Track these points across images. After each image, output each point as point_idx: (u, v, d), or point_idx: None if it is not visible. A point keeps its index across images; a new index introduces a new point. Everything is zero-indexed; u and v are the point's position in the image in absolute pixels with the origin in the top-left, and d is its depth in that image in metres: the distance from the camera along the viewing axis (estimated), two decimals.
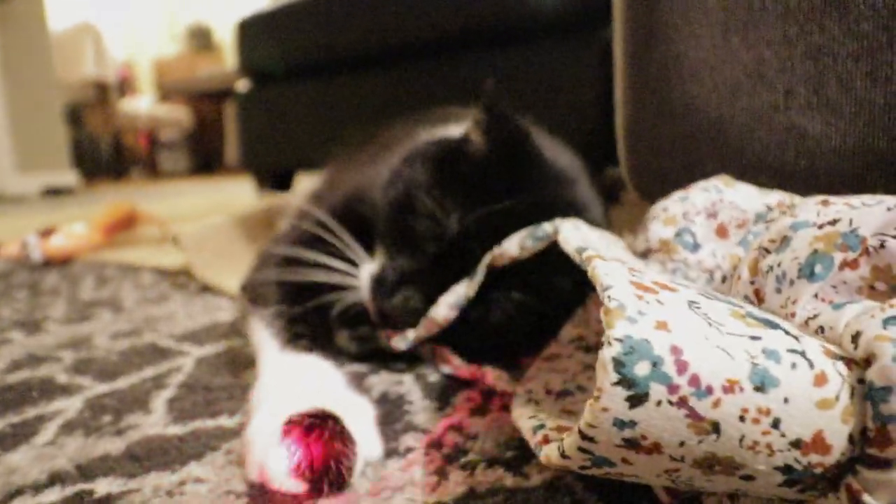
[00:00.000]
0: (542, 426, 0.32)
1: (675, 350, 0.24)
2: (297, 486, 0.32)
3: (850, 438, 0.24)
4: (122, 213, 1.21)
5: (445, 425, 0.40)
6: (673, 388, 0.23)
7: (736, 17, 0.46)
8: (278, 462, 0.32)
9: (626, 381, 0.23)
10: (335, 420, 0.34)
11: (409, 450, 0.38)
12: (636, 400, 0.23)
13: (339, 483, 0.32)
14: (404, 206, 0.52)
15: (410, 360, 0.53)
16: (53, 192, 3.28)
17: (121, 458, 0.38)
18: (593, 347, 0.46)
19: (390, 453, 0.37)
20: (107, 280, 0.94)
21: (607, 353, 0.24)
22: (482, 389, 0.46)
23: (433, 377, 0.50)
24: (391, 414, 0.43)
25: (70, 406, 0.46)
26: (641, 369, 0.23)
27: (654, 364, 0.23)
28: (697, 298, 0.28)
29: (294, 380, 0.41)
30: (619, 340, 0.24)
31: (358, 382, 0.48)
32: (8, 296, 0.86)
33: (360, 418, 0.37)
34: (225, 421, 0.43)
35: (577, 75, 1.48)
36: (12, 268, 1.07)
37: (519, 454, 0.36)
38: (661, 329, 0.24)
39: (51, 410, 0.46)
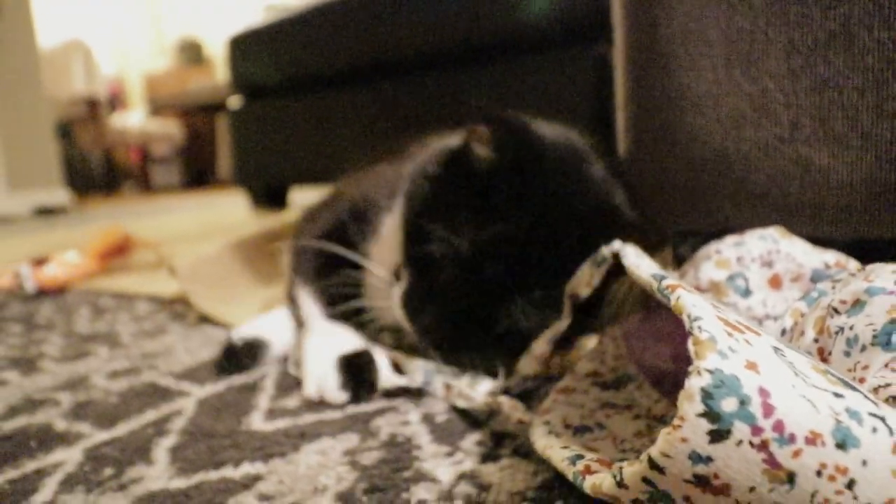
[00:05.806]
0: (580, 456, 0.31)
1: (763, 392, 0.23)
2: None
3: None
4: (116, 239, 1.20)
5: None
6: (756, 430, 0.23)
7: (738, 50, 0.46)
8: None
9: (711, 415, 0.23)
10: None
11: None
12: (718, 435, 0.23)
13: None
14: (416, 230, 0.55)
15: (416, 395, 0.52)
16: (45, 212, 3.26)
17: None
18: (610, 385, 0.46)
19: None
20: (102, 311, 0.93)
21: (696, 383, 0.23)
22: (492, 430, 0.46)
23: (441, 417, 0.49)
24: (400, 460, 0.42)
25: (70, 458, 0.45)
26: (728, 405, 0.23)
27: (742, 402, 0.23)
28: (781, 346, 0.28)
29: (334, 335, 0.59)
30: (710, 372, 0.23)
31: (364, 420, 0.48)
32: (2, 330, 0.85)
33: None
34: (229, 472, 0.42)
35: (572, 89, 1.48)
36: (5, 299, 1.05)
37: None
38: (750, 369, 0.24)
39: (50, 463, 0.45)
